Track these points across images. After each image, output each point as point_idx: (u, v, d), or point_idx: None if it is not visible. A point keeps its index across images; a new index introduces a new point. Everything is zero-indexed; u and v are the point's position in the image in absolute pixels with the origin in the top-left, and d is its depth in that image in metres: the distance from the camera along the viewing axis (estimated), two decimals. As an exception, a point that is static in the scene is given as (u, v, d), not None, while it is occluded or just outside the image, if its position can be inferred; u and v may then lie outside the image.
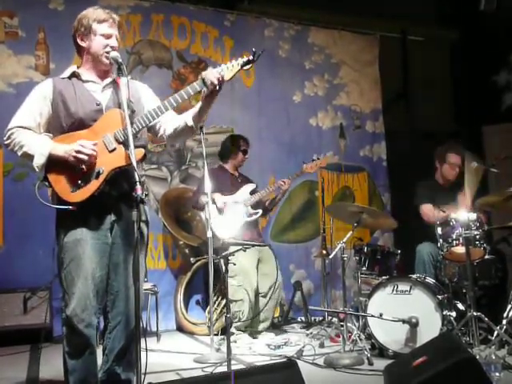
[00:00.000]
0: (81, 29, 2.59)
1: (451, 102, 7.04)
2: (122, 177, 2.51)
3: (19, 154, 2.51)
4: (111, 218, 2.56)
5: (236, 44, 5.79)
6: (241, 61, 2.56)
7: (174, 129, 2.68)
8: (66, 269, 2.50)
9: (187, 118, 2.66)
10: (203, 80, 2.50)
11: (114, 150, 2.49)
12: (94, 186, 2.46)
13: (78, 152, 2.42)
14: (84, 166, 2.45)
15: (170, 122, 2.69)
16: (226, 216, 4.44)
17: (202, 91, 2.55)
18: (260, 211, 4.60)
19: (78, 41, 2.62)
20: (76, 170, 2.46)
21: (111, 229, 2.56)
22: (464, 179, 4.25)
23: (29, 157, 2.48)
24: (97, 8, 2.65)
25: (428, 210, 4.48)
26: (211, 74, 2.49)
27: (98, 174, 2.45)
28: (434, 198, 4.46)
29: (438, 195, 4.50)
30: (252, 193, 4.59)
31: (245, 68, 2.57)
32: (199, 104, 2.62)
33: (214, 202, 4.41)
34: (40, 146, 2.47)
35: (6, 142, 2.54)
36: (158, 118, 2.55)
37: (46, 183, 2.49)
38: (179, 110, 2.70)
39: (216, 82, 2.49)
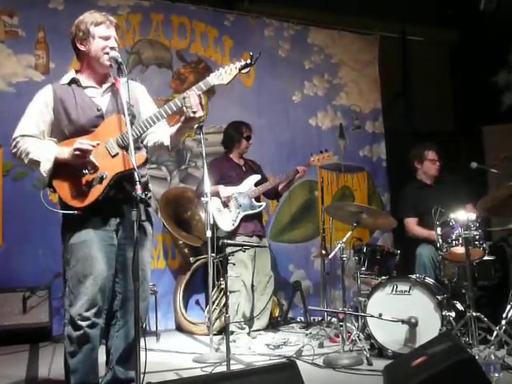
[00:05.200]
0: (79, 34, 2.61)
1: (451, 102, 7.05)
2: (126, 181, 2.53)
3: (26, 161, 2.55)
4: (116, 220, 2.60)
5: (236, 44, 5.79)
6: (239, 64, 2.58)
7: (154, 143, 2.71)
8: (72, 269, 2.53)
9: (166, 136, 2.67)
10: (184, 100, 2.50)
11: (117, 154, 2.52)
12: (97, 190, 2.49)
13: (77, 149, 2.44)
14: (87, 171, 2.48)
15: (154, 134, 2.71)
16: (230, 208, 4.45)
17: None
18: (263, 204, 4.62)
19: (78, 45, 2.64)
20: (80, 175, 2.49)
21: (117, 230, 2.60)
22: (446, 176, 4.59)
23: (35, 163, 2.52)
24: (93, 12, 2.67)
25: (412, 225, 4.63)
26: (193, 99, 2.49)
27: (102, 178, 2.49)
28: (418, 201, 4.57)
29: (425, 194, 4.60)
30: (257, 184, 4.58)
31: (243, 71, 2.59)
32: (178, 125, 2.62)
33: (218, 194, 4.41)
34: (46, 152, 2.51)
35: (12, 151, 2.59)
36: (152, 127, 2.57)
37: (52, 189, 2.53)
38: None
39: (195, 109, 2.48)
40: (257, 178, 4.61)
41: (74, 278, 2.51)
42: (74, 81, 2.65)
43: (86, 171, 2.49)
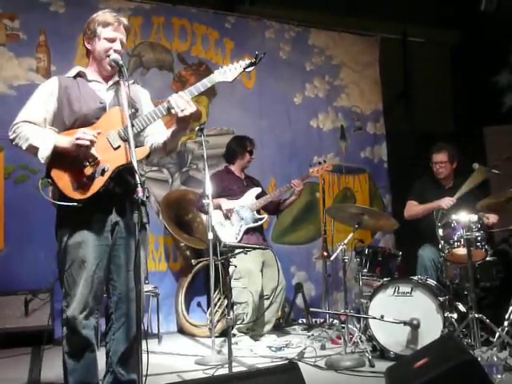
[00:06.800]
0: (88, 32, 2.63)
1: (452, 103, 7.04)
2: (126, 174, 2.52)
3: (24, 147, 2.50)
4: (113, 219, 2.57)
5: (237, 46, 5.80)
6: (243, 63, 2.57)
7: (151, 144, 2.69)
8: (67, 271, 2.52)
9: (164, 138, 2.65)
10: (169, 103, 2.47)
11: (119, 147, 2.50)
12: (99, 183, 2.46)
13: (79, 139, 2.41)
14: (87, 162, 2.46)
15: (152, 137, 2.70)
16: (232, 221, 4.44)
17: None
18: (266, 216, 4.61)
19: (85, 43, 2.66)
20: (81, 166, 2.46)
21: (112, 230, 2.58)
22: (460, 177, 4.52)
23: (34, 149, 2.48)
24: (106, 11, 2.67)
25: (408, 205, 4.73)
26: (179, 100, 2.46)
27: (103, 171, 2.46)
28: (425, 192, 4.65)
29: (429, 189, 4.66)
30: (258, 197, 4.57)
31: (247, 70, 2.59)
32: (173, 128, 2.60)
33: (219, 207, 4.41)
34: (45, 139, 2.48)
35: (11, 137, 2.53)
36: (150, 125, 2.55)
37: (49, 180, 2.48)
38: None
39: (182, 108, 2.44)
40: (258, 190, 4.62)
41: (69, 279, 2.51)
42: (79, 74, 2.66)
43: (87, 163, 2.46)
